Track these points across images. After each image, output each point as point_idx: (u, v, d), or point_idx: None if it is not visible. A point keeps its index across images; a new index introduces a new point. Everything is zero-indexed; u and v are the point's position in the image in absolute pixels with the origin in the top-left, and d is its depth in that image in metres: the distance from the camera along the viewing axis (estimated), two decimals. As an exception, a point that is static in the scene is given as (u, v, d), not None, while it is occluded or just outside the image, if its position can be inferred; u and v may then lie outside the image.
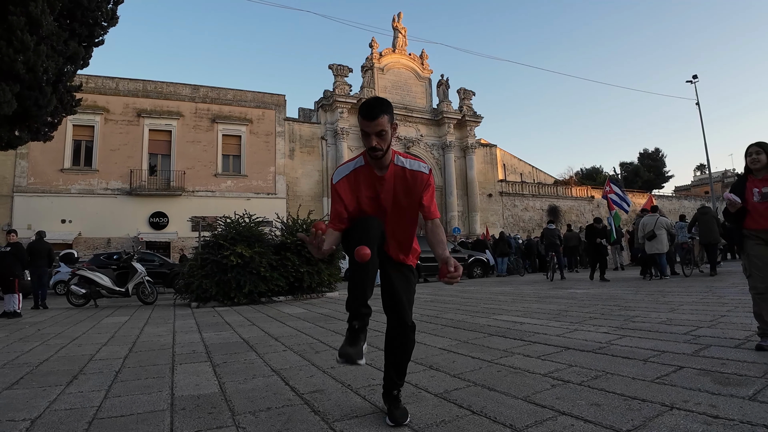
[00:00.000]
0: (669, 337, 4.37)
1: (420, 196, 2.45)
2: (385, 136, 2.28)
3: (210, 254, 10.52)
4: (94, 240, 24.55)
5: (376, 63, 32.32)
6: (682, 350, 3.81)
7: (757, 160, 3.81)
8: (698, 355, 3.62)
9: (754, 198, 3.82)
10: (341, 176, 2.43)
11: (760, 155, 3.82)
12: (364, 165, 2.42)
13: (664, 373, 3.15)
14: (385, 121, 2.26)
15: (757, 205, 3.80)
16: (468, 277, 19.09)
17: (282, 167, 28.85)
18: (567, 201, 39.83)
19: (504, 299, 9.27)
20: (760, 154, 3.82)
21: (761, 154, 3.82)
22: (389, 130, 2.30)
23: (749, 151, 3.89)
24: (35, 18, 8.53)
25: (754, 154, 3.85)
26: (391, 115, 2.33)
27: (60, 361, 4.73)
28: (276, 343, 5.20)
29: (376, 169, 2.40)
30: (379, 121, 2.25)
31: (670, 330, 4.76)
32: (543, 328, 5.36)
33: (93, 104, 23.88)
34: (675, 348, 3.90)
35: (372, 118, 2.24)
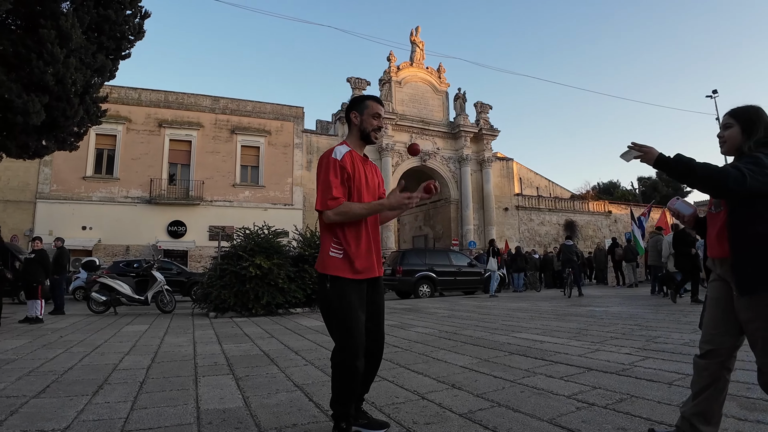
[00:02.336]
0: (692, 360, 4.31)
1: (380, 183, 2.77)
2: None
3: (229, 265, 10.62)
4: (114, 247, 24.88)
5: (393, 76, 32.53)
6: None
7: (723, 138, 2.38)
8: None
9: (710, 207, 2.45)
10: (342, 153, 2.53)
11: (728, 129, 2.35)
12: (352, 150, 2.61)
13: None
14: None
15: (709, 217, 2.46)
16: (484, 291, 18.98)
17: (299, 178, 29.06)
18: (584, 216, 39.50)
19: (522, 316, 9.21)
20: (729, 127, 2.34)
21: (731, 127, 2.33)
22: None
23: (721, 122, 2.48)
24: (65, 32, 8.77)
25: (722, 128, 2.41)
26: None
27: (84, 369, 4.80)
28: (296, 357, 5.23)
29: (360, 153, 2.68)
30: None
31: (693, 352, 4.67)
32: (564, 347, 5.33)
33: (116, 114, 24.30)
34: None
35: (383, 104, 2.72)
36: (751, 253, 2.13)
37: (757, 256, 2.11)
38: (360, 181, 2.54)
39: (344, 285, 2.43)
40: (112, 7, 9.84)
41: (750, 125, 2.25)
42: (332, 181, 2.43)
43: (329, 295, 2.45)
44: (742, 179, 2.05)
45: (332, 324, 2.47)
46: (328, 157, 2.51)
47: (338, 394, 2.43)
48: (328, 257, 2.48)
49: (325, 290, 2.48)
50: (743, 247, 2.16)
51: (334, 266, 2.45)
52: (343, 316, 2.40)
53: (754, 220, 2.13)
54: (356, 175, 2.52)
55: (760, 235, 2.11)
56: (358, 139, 2.67)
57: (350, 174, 2.49)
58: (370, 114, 2.64)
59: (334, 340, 2.46)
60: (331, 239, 2.50)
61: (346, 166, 2.48)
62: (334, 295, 2.43)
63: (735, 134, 2.30)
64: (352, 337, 2.38)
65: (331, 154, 2.51)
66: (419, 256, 18.70)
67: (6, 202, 23.56)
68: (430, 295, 17.25)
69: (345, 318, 2.40)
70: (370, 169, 2.67)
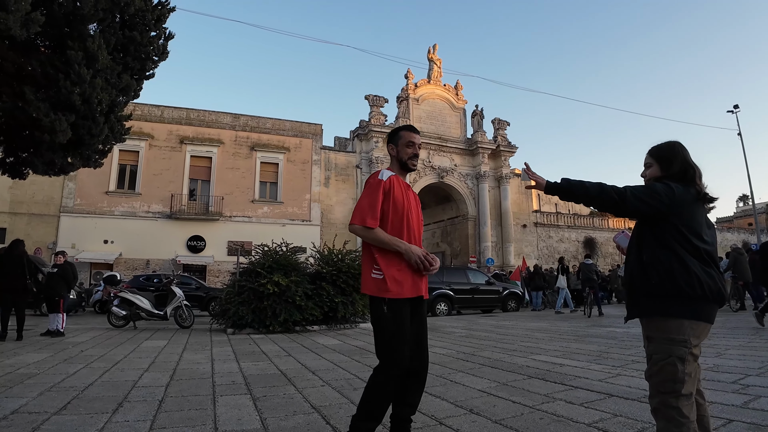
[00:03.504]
0: (716, 386, 4.23)
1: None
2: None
3: (247, 281, 10.68)
4: (134, 261, 25.24)
5: (411, 94, 32.73)
6: (731, 401, 3.68)
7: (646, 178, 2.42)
8: (748, 407, 3.49)
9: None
10: (388, 175, 2.70)
11: (648, 168, 2.41)
12: (396, 174, 2.79)
13: (714, 426, 3.04)
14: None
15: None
16: (502, 310, 18.80)
17: (317, 195, 29.26)
18: (603, 232, 39.04)
19: (541, 336, 9.10)
20: (649, 166, 2.41)
21: (651, 166, 2.40)
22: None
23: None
24: (92, 53, 9.00)
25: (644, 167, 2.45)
26: None
27: (104, 386, 4.85)
28: (313, 377, 5.23)
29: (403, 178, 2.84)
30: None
31: (717, 378, 4.59)
32: (584, 371, 5.24)
33: (139, 130, 24.78)
34: (723, 398, 3.77)
35: (417, 132, 2.88)
36: (631, 279, 2.29)
37: (635, 282, 2.26)
38: (408, 205, 2.71)
39: (397, 305, 2.54)
40: (138, 29, 10.09)
41: (666, 163, 2.32)
42: (376, 202, 2.60)
43: (383, 316, 2.54)
44: (622, 195, 2.17)
45: (381, 343, 2.55)
46: (373, 178, 2.71)
47: (370, 411, 2.48)
48: (371, 279, 2.59)
49: (380, 312, 2.56)
50: (627, 274, 2.33)
51: (382, 288, 2.55)
52: (391, 337, 2.50)
53: (637, 247, 2.29)
54: (402, 199, 2.68)
55: (637, 263, 2.25)
56: (399, 168, 2.84)
57: (392, 195, 2.64)
58: (404, 144, 2.80)
59: (380, 358, 2.53)
60: (372, 263, 2.62)
61: (389, 187, 2.66)
62: (388, 316, 2.52)
63: (654, 173, 2.36)
64: (400, 358, 2.48)
65: (377, 175, 2.71)
66: (436, 274, 18.51)
67: (31, 216, 24.10)
68: (447, 314, 17.13)
69: (393, 337, 2.50)
70: (413, 195, 2.84)
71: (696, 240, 2.16)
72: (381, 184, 2.63)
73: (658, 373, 2.11)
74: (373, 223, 2.56)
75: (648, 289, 2.16)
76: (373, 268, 2.60)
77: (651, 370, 2.16)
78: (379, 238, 2.56)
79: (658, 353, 2.12)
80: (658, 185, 2.22)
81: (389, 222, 2.62)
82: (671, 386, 2.06)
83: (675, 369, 2.06)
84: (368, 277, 2.61)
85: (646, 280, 2.17)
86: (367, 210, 2.58)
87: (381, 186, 2.63)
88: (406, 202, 2.70)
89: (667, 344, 2.10)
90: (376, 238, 2.56)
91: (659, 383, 2.11)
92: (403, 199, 2.69)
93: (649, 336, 2.19)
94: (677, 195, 2.19)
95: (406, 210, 2.68)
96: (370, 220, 2.56)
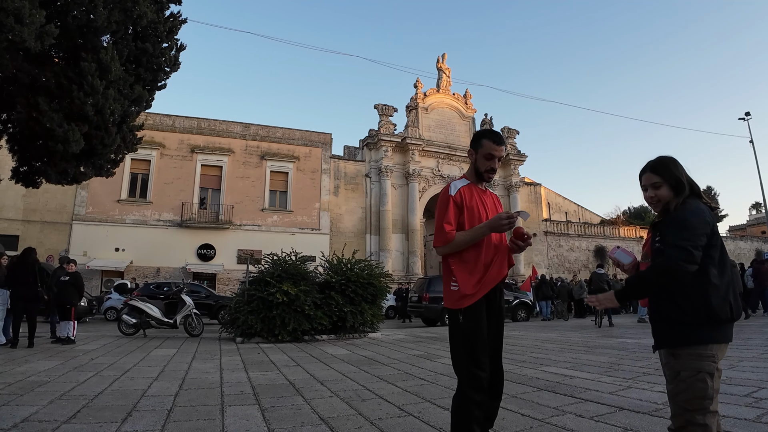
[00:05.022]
0: (729, 399, 4.17)
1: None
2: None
3: (257, 291, 10.71)
4: (145, 269, 25.41)
5: (420, 102, 32.81)
6: (743, 414, 3.63)
7: (656, 197, 2.26)
8: (760, 422, 3.44)
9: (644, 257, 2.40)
10: (457, 188, 2.64)
11: (659, 188, 2.25)
12: (469, 183, 2.72)
13: (728, 443, 3.00)
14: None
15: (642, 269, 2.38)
16: (512, 320, 18.69)
17: (326, 204, 29.35)
18: (614, 241, 38.74)
19: (551, 347, 9.02)
20: (658, 186, 2.25)
21: (660, 186, 2.24)
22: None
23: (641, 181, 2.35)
24: (105, 64, 9.15)
25: (650, 188, 2.28)
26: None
27: (114, 395, 4.87)
28: (321, 388, 5.22)
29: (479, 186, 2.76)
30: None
31: (729, 391, 4.53)
32: (594, 383, 5.19)
33: (150, 140, 25.00)
34: (735, 412, 3.72)
35: (501, 143, 2.68)
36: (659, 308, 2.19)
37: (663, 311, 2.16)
38: (478, 210, 2.63)
39: (473, 312, 2.50)
40: (150, 41, 10.25)
41: (678, 183, 2.23)
42: (445, 218, 2.56)
43: (459, 327, 2.52)
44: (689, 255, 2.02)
45: (457, 357, 2.53)
46: (445, 194, 2.65)
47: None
48: (450, 292, 2.58)
49: (456, 323, 2.54)
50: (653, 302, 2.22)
51: (458, 299, 2.52)
52: (469, 355, 2.45)
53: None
54: (473, 206, 2.62)
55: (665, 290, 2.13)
56: (473, 175, 2.75)
57: (465, 207, 2.60)
58: (483, 154, 2.68)
59: (458, 375, 2.50)
60: (451, 276, 2.59)
61: (461, 200, 2.61)
62: (464, 327, 2.50)
63: (667, 194, 2.24)
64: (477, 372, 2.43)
65: (448, 189, 2.65)
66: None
67: (44, 223, 24.37)
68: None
69: (468, 351, 2.46)
70: (489, 198, 2.77)
71: (722, 256, 2.11)
72: (450, 200, 2.59)
73: (687, 391, 2.03)
74: (450, 235, 2.52)
75: (680, 317, 2.08)
76: (452, 281, 2.58)
77: (678, 388, 2.06)
78: (462, 240, 2.53)
79: (686, 370, 2.04)
80: (691, 218, 2.10)
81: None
82: (700, 403, 2.00)
83: (705, 385, 2.00)
84: (448, 290, 2.60)
85: (677, 308, 2.09)
86: (442, 228, 2.55)
87: (451, 201, 2.59)
88: (482, 210, 2.64)
89: (696, 360, 2.03)
90: (460, 242, 2.53)
91: (687, 401, 2.03)
92: (478, 208, 2.63)
93: (675, 352, 2.10)
94: (709, 217, 2.12)
95: (484, 218, 2.62)
96: (448, 235, 2.52)
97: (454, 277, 2.56)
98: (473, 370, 2.42)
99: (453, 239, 2.52)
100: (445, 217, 2.56)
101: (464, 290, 2.50)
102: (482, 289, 2.52)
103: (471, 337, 2.47)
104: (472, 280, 2.52)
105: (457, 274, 2.54)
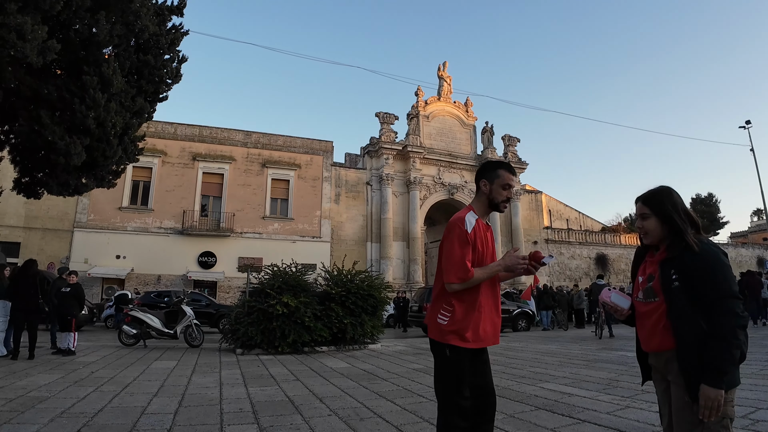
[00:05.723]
0: None
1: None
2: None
3: (257, 302, 10.72)
4: (146, 276, 25.42)
5: (421, 111, 32.89)
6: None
7: (644, 229, 2.25)
8: (759, 448, 3.44)
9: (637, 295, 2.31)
10: (472, 225, 2.59)
11: (646, 219, 2.23)
12: (478, 218, 2.66)
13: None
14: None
15: (638, 306, 2.29)
16: (513, 330, 18.66)
17: (328, 211, 29.39)
18: (615, 249, 38.73)
19: (551, 361, 9.02)
20: (646, 217, 2.23)
21: (648, 217, 2.23)
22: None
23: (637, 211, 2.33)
24: (107, 78, 9.20)
25: (639, 218, 2.28)
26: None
27: (114, 412, 4.89)
28: (320, 405, 5.23)
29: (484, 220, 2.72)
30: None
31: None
32: (592, 402, 5.20)
33: (152, 147, 25.06)
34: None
35: (515, 174, 2.49)
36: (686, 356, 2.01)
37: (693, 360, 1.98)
38: (483, 248, 2.62)
39: (461, 354, 2.51)
40: (152, 53, 10.32)
41: (667, 216, 2.15)
42: (465, 254, 2.51)
43: (445, 362, 2.54)
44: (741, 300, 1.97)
45: (440, 390, 2.56)
46: (460, 227, 2.56)
47: None
48: (436, 323, 2.58)
49: (443, 357, 2.56)
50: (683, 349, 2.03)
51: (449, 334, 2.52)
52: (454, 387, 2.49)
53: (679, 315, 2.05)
54: (482, 247, 2.61)
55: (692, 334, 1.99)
56: (485, 206, 2.72)
57: (476, 246, 2.57)
58: (500, 184, 2.66)
59: (444, 404, 2.53)
60: (442, 305, 2.58)
61: (474, 237, 2.57)
62: (451, 363, 2.52)
63: (654, 226, 2.18)
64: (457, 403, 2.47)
65: (463, 224, 2.57)
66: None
67: (45, 231, 24.42)
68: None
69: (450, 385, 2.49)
70: (490, 234, 2.76)
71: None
72: (468, 237, 2.54)
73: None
74: (471, 273, 2.49)
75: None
76: (442, 314, 2.57)
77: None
78: (477, 279, 2.51)
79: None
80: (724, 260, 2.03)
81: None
82: None
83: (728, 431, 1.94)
84: (435, 321, 2.60)
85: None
86: (463, 265, 2.50)
87: (468, 239, 2.54)
88: (485, 249, 2.63)
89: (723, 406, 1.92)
90: (476, 280, 2.51)
91: None
92: (483, 248, 2.62)
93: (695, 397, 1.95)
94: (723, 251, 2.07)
95: (485, 257, 2.62)
96: (468, 273, 2.49)
97: (448, 311, 2.55)
98: (460, 401, 2.46)
99: (473, 277, 2.49)
100: (465, 254, 2.50)
101: (458, 328, 2.51)
102: (477, 342, 2.53)
103: (458, 371, 2.50)
104: (468, 322, 2.52)
105: (459, 313, 2.53)
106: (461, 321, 2.52)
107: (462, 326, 2.51)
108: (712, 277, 1.99)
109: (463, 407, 2.46)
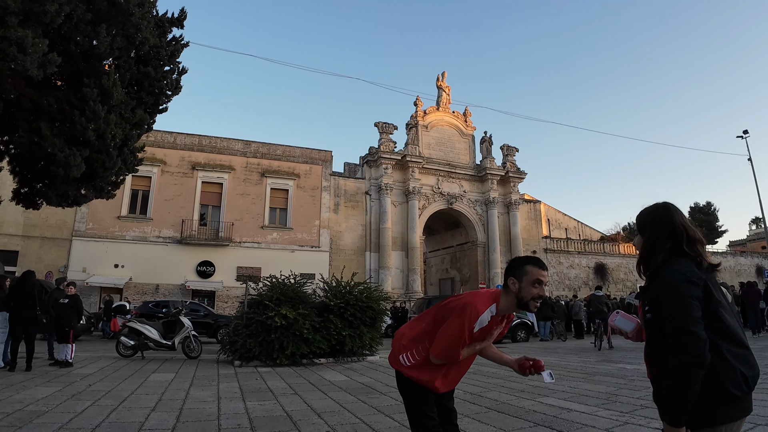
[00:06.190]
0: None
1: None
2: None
3: (255, 314, 10.70)
4: (144, 285, 25.36)
5: (420, 120, 32.98)
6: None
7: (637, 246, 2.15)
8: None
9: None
10: (482, 324, 2.49)
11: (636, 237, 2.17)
12: (495, 314, 2.53)
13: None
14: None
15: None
16: (512, 340, 18.61)
17: (326, 221, 29.38)
18: (614, 258, 38.70)
19: (549, 373, 8.99)
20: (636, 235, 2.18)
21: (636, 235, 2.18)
22: None
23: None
24: (107, 90, 9.22)
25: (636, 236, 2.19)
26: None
27: (111, 428, 4.87)
28: (319, 421, 5.22)
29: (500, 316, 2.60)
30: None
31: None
32: (591, 417, 5.19)
33: (151, 156, 25.02)
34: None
35: (545, 267, 2.54)
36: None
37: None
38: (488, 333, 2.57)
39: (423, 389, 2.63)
40: (152, 64, 10.34)
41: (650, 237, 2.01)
42: (462, 342, 2.48)
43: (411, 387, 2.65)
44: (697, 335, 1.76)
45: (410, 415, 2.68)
46: (470, 320, 2.45)
47: None
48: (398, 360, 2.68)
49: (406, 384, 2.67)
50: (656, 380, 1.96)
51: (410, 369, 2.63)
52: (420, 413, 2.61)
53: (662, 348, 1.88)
54: (480, 334, 2.52)
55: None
56: (513, 305, 2.53)
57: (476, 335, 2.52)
58: (530, 281, 2.47)
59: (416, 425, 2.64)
60: (413, 350, 2.64)
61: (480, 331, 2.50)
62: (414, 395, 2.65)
63: (639, 244, 2.06)
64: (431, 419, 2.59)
65: (474, 320, 2.45)
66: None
67: (43, 239, 24.38)
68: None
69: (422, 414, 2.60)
70: (505, 321, 2.69)
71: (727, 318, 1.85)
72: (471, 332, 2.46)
73: None
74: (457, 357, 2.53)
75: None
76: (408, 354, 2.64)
77: None
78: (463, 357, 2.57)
79: None
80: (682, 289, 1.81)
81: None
82: None
83: None
84: (397, 357, 2.68)
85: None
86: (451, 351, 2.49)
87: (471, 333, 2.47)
88: (486, 334, 2.56)
89: None
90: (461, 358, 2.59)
91: None
92: (484, 334, 2.54)
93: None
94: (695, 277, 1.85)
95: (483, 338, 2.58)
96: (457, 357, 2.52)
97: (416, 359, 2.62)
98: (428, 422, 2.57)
99: (458, 359, 2.55)
100: (461, 342, 2.47)
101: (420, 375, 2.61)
102: (442, 387, 2.64)
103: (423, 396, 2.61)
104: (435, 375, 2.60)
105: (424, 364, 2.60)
106: (426, 372, 2.60)
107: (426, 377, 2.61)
108: (665, 308, 1.84)
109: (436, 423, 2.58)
